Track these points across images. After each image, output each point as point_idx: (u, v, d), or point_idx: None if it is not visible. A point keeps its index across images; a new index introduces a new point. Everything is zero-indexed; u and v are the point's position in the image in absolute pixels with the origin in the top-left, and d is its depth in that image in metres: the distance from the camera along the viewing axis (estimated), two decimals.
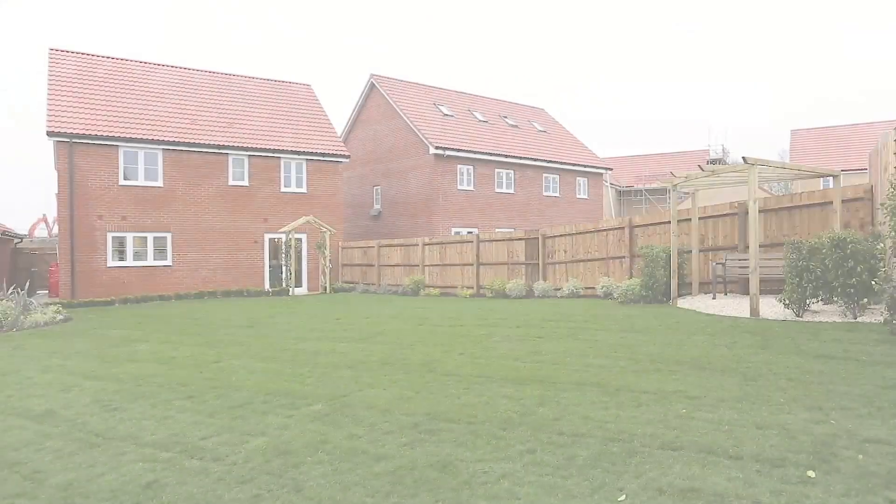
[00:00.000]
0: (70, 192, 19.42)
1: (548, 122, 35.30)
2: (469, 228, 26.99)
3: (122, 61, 24.42)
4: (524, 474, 3.81)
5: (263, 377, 7.04)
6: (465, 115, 30.58)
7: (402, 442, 4.54)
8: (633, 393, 5.51)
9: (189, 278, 21.43)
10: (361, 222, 30.74)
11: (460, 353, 7.94)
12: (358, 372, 7.10)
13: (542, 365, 6.96)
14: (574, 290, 15.25)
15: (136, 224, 20.58)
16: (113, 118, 20.85)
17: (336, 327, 11.31)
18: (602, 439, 4.33)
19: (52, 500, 3.77)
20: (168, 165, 21.16)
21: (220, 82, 25.77)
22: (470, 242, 19.19)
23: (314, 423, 5.13)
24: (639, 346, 7.71)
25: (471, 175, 27.40)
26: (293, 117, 25.56)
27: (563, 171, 30.97)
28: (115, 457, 4.50)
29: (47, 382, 7.21)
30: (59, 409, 5.93)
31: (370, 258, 23.38)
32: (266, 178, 23.08)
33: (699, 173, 11.13)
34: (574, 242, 16.18)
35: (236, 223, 22.42)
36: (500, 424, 4.83)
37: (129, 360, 8.62)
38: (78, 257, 19.56)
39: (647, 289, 12.45)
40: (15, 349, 10.01)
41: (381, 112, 29.38)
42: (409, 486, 3.74)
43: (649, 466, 3.80)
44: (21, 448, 4.79)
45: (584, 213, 31.67)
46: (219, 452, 4.49)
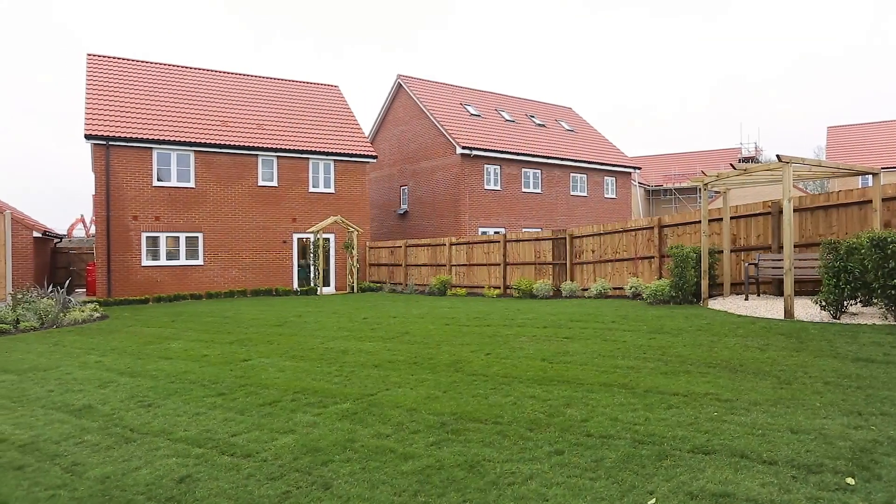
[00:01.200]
0: (106, 193, 19.96)
1: (575, 121, 35.00)
2: (496, 228, 26.93)
3: (156, 65, 25.01)
4: (552, 475, 3.79)
5: (292, 375, 7.13)
6: (492, 115, 30.51)
7: (430, 441, 4.55)
8: (663, 395, 5.43)
9: (220, 277, 21.82)
10: (388, 222, 30.91)
11: (487, 354, 7.93)
12: (385, 371, 7.14)
13: (569, 366, 6.91)
14: (602, 291, 15.09)
15: (168, 224, 21.04)
16: (147, 121, 21.36)
17: (363, 327, 11.39)
18: (631, 441, 4.28)
19: (90, 492, 3.88)
20: (200, 166, 21.59)
21: (249, 84, 26.20)
22: (497, 242, 19.13)
23: (342, 421, 5.18)
24: (668, 347, 7.59)
25: (497, 175, 27.33)
26: (321, 118, 25.83)
27: (590, 170, 30.68)
28: (150, 451, 4.61)
29: (85, 378, 7.42)
30: (96, 405, 6.09)
31: (397, 258, 23.49)
32: (294, 178, 23.37)
33: (731, 172, 10.91)
34: (602, 242, 16.01)
35: (265, 223, 22.75)
36: (528, 425, 4.81)
37: (163, 357, 8.81)
38: (114, 257, 20.09)
39: (676, 289, 12.26)
40: (55, 345, 10.32)
41: (408, 112, 29.49)
42: (436, 485, 3.75)
43: (680, 470, 3.74)
44: (61, 441, 4.93)
45: (612, 213, 31.33)
46: (249, 449, 4.56)
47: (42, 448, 4.79)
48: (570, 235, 16.85)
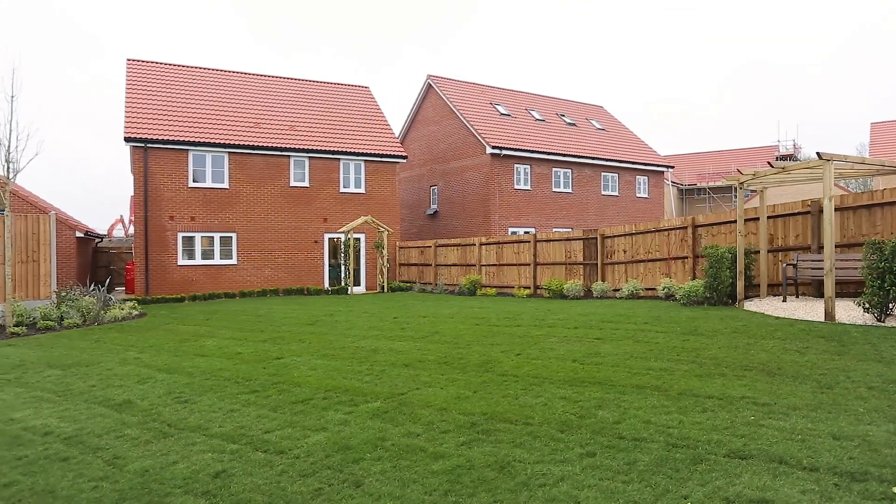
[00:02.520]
0: (144, 194, 20.50)
1: (606, 120, 34.60)
2: (526, 228, 26.79)
3: (192, 69, 25.59)
4: (584, 477, 3.75)
5: (324, 374, 7.22)
6: (522, 115, 30.36)
7: (460, 441, 4.55)
8: (697, 398, 5.33)
9: (253, 277, 22.21)
10: (418, 222, 31.03)
11: (518, 354, 7.89)
12: (415, 370, 7.17)
13: (601, 367, 6.83)
14: (633, 291, 14.88)
15: (203, 224, 21.50)
16: (183, 123, 21.88)
17: (394, 326, 11.45)
18: (665, 445, 4.21)
19: (131, 485, 3.99)
20: (233, 168, 22.01)
21: (281, 86, 26.60)
22: (527, 242, 19.03)
23: (373, 420, 5.22)
24: (703, 349, 7.44)
25: (528, 174, 27.18)
26: (352, 119, 26.07)
27: (622, 169, 30.28)
28: (187, 446, 4.72)
29: (125, 374, 7.64)
30: (136, 400, 6.26)
31: (427, 258, 23.55)
32: (326, 178, 23.64)
33: (768, 170, 10.64)
34: (634, 242, 15.79)
35: (297, 223, 23.07)
36: (559, 426, 4.78)
37: (198, 354, 9.01)
38: (151, 256, 20.63)
39: (711, 290, 12.01)
40: (96, 342, 10.64)
41: (437, 112, 29.55)
42: (467, 485, 3.75)
43: (716, 474, 3.66)
44: (103, 435, 5.09)
45: (644, 213, 30.87)
46: (282, 446, 4.63)
47: (85, 441, 4.94)
48: (602, 235, 16.66)
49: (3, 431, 5.28)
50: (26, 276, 13.98)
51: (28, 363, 8.64)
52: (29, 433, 5.21)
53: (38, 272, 14.20)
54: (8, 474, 4.26)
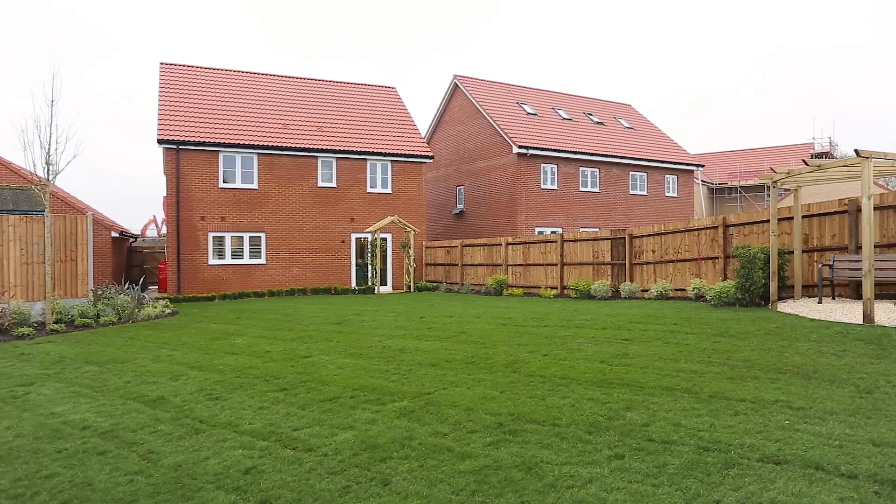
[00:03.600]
0: (177, 195, 20.94)
1: (634, 119, 34.17)
2: (552, 228, 26.62)
3: (222, 71, 26.05)
4: (612, 480, 3.72)
5: (351, 373, 7.28)
6: (549, 114, 30.17)
7: (487, 441, 4.55)
8: (729, 401, 5.23)
9: (281, 276, 22.51)
10: (444, 222, 31.07)
11: (545, 355, 7.85)
12: (442, 370, 7.18)
13: (629, 368, 6.75)
14: (662, 292, 14.67)
15: (233, 224, 21.87)
16: (214, 125, 22.28)
17: (420, 326, 11.49)
18: (695, 448, 4.14)
19: (164, 479, 4.08)
20: (262, 168, 22.34)
21: (309, 88, 26.90)
22: (554, 242, 18.91)
23: (400, 419, 5.24)
24: (734, 351, 7.30)
25: (554, 174, 27.00)
26: (378, 119, 26.23)
27: (650, 168, 29.87)
28: (218, 443, 4.80)
29: (158, 371, 7.81)
30: (169, 396, 6.40)
31: (453, 258, 23.57)
32: (353, 179, 23.83)
33: (803, 168, 10.38)
34: (663, 242, 15.56)
35: (325, 223, 23.30)
36: (587, 428, 4.74)
37: (229, 352, 9.17)
38: (183, 256, 21.06)
39: (742, 291, 11.77)
40: (131, 339, 10.91)
41: (464, 112, 29.55)
42: (494, 485, 3.74)
43: (749, 479, 3.59)
44: (138, 430, 5.21)
45: (673, 212, 30.40)
46: (310, 443, 4.68)
47: (121, 435, 5.07)
48: (630, 235, 16.46)
49: (45, 425, 5.45)
50: (65, 275, 14.40)
51: (67, 359, 8.90)
52: (68, 427, 5.37)
53: (76, 271, 14.61)
54: (49, 466, 4.40)
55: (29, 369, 8.19)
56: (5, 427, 5.42)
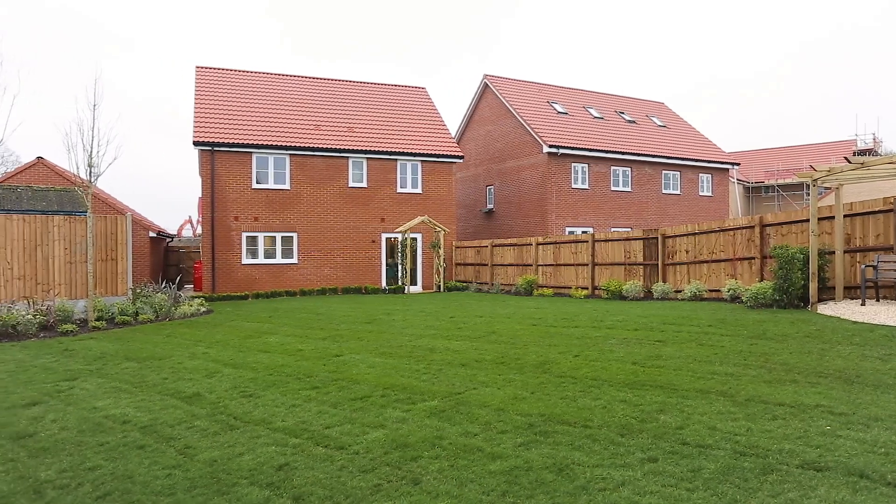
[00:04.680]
0: (211, 195, 21.39)
1: (667, 117, 33.60)
2: (583, 228, 26.36)
3: (255, 74, 26.51)
4: (645, 483, 3.66)
5: (382, 372, 7.33)
6: (580, 112, 29.89)
7: (517, 442, 4.53)
8: (767, 405, 5.10)
9: (312, 275, 22.80)
10: (474, 222, 31.04)
11: (576, 355, 7.78)
12: (472, 370, 7.18)
13: (662, 370, 6.64)
14: (696, 293, 14.39)
15: (266, 225, 22.24)
16: (248, 127, 22.69)
17: (450, 325, 11.50)
18: (731, 452, 4.06)
19: (200, 473, 4.17)
20: (294, 169, 22.66)
21: (340, 89, 27.18)
22: (585, 242, 18.72)
23: (430, 418, 5.26)
24: (772, 354, 7.12)
25: (585, 173, 26.74)
26: (409, 120, 26.35)
27: (683, 167, 29.33)
28: (252, 439, 4.89)
29: (194, 368, 7.99)
30: (204, 393, 6.54)
31: (483, 257, 23.54)
32: (383, 179, 23.99)
33: (845, 166, 10.08)
34: (697, 242, 15.26)
35: (355, 223, 23.51)
36: (619, 430, 4.68)
37: (262, 350, 9.32)
38: (217, 255, 21.50)
39: (780, 292, 11.47)
40: (168, 337, 11.19)
41: (494, 112, 29.48)
42: (524, 486, 3.72)
43: (788, 486, 3.50)
44: (175, 425, 5.34)
45: (707, 212, 29.79)
46: (342, 441, 4.73)
47: (159, 430, 5.20)
48: (663, 235, 16.20)
49: (88, 419, 5.63)
50: (105, 274, 14.84)
51: (108, 355, 9.17)
52: (109, 421, 5.54)
53: (116, 270, 15.05)
54: (92, 459, 4.54)
55: (72, 365, 8.47)
56: (51, 420, 5.62)
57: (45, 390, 6.88)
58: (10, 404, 6.26)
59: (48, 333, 11.79)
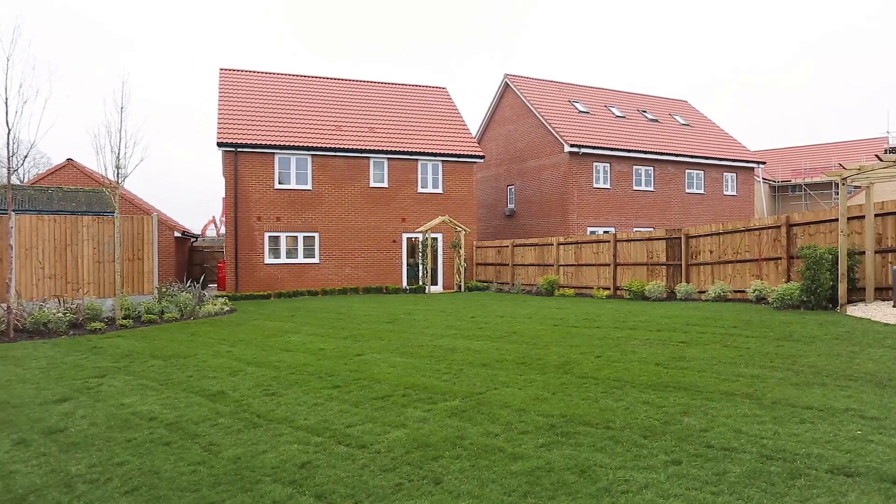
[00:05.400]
0: (235, 196, 21.67)
1: (691, 115, 33.15)
2: (605, 228, 26.14)
3: (277, 75, 26.78)
4: (669, 486, 3.62)
5: (403, 371, 7.35)
6: (602, 112, 29.65)
7: (539, 443, 4.51)
8: (794, 408, 5.01)
9: (334, 275, 22.96)
10: (495, 221, 30.98)
11: (597, 356, 7.72)
12: (493, 370, 7.16)
13: (686, 372, 6.56)
14: (720, 294, 14.17)
15: (288, 225, 22.46)
16: (270, 128, 22.94)
17: (471, 325, 11.50)
18: (757, 456, 3.99)
19: (225, 470, 4.23)
20: (316, 169, 22.84)
21: (361, 90, 27.33)
22: (606, 242, 18.57)
23: (451, 418, 5.26)
24: (799, 356, 6.98)
25: (607, 173, 26.51)
26: (429, 120, 26.39)
27: (707, 166, 28.92)
28: (274, 437, 4.94)
29: (218, 366, 8.11)
30: (228, 391, 6.63)
31: (504, 257, 23.48)
32: (404, 179, 24.06)
33: (876, 164, 9.84)
34: (721, 242, 15.03)
35: (376, 223, 23.62)
36: (641, 431, 4.63)
37: (284, 349, 9.42)
38: (240, 255, 21.77)
39: (808, 293, 11.24)
40: (192, 335, 11.36)
41: (514, 111, 29.39)
42: (546, 487, 3.70)
43: (817, 491, 3.43)
44: (200, 423, 5.43)
45: (732, 211, 29.33)
46: (363, 440, 4.76)
47: (184, 427, 5.29)
48: (686, 235, 15.99)
49: (116, 415, 5.75)
50: (132, 273, 15.13)
51: (135, 353, 9.35)
52: (137, 417, 5.64)
53: (143, 269, 15.33)
54: (120, 454, 4.63)
55: (101, 362, 8.65)
56: (81, 416, 5.74)
57: (75, 387, 7.04)
58: (43, 400, 6.42)
59: (78, 331, 12.06)
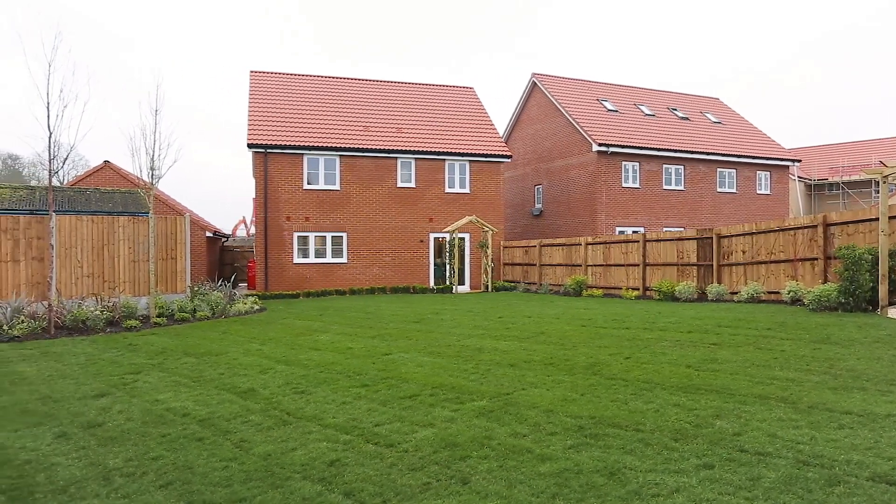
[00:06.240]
0: (265, 196, 21.99)
1: (723, 113, 32.51)
2: (634, 227, 25.81)
3: (306, 77, 27.10)
4: (701, 490, 3.55)
5: (430, 371, 7.37)
6: (631, 110, 29.27)
7: (567, 444, 4.47)
8: (832, 413, 4.87)
9: (362, 275, 23.13)
10: (522, 221, 30.84)
11: (627, 357, 7.62)
12: (521, 371, 7.13)
13: (718, 374, 6.43)
14: (753, 295, 13.86)
15: (316, 225, 22.70)
16: (299, 129, 23.22)
17: (498, 325, 11.46)
18: (793, 461, 3.89)
19: (255, 467, 4.30)
20: (344, 170, 23.05)
21: (388, 90, 27.47)
22: (635, 242, 18.33)
23: (479, 418, 5.25)
24: (837, 359, 6.79)
25: (636, 172, 26.17)
26: (457, 120, 26.40)
27: (740, 164, 28.32)
28: (304, 435, 5.00)
29: (249, 364, 8.24)
30: (258, 388, 6.73)
31: (531, 257, 23.36)
32: (431, 179, 24.12)
33: None
34: (754, 242, 14.70)
35: (404, 223, 23.72)
36: (672, 434, 4.56)
37: (313, 348, 9.52)
38: (270, 254, 22.09)
39: (846, 295, 10.92)
40: (224, 333, 11.57)
41: (542, 111, 29.21)
42: (575, 489, 3.67)
43: (857, 499, 3.33)
44: (231, 419, 5.52)
45: (765, 211, 28.67)
46: (391, 439, 4.78)
47: (216, 424, 5.39)
48: (718, 235, 15.68)
49: (151, 410, 5.89)
50: (166, 272, 15.47)
51: (168, 351, 9.56)
52: (171, 413, 5.77)
53: (176, 268, 15.67)
54: (155, 449, 4.74)
55: (136, 359, 8.87)
56: (118, 411, 5.90)
57: (112, 382, 7.23)
58: (82, 395, 6.61)
59: (114, 328, 12.38)
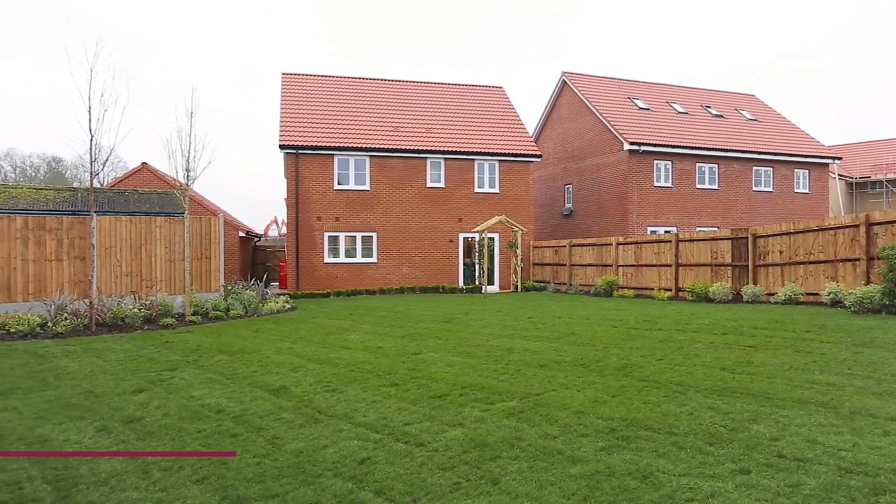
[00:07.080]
0: (296, 197, 22.30)
1: (759, 110, 31.73)
2: (666, 227, 25.39)
3: (336, 78, 27.37)
4: (737, 496, 3.48)
5: (460, 371, 7.37)
6: (663, 108, 28.80)
7: (599, 446, 4.42)
8: (876, 419, 4.71)
9: (391, 275, 23.27)
10: (552, 221, 30.62)
11: (659, 359, 7.50)
12: (551, 371, 7.08)
13: (754, 377, 6.28)
14: (791, 296, 13.50)
15: (347, 225, 22.93)
16: (329, 130, 23.48)
17: (528, 326, 11.41)
18: (835, 468, 3.78)
19: (288, 463, 4.36)
20: (374, 170, 23.22)
21: (418, 91, 27.57)
22: (668, 242, 18.02)
23: (509, 419, 5.23)
24: (881, 363, 6.57)
25: (668, 171, 25.74)
26: (486, 119, 26.36)
27: (776, 162, 27.61)
28: (335, 433, 5.05)
29: (281, 362, 8.36)
30: (290, 386, 6.83)
31: (561, 257, 23.18)
32: (461, 179, 24.13)
33: None
34: (792, 242, 14.32)
35: (433, 223, 23.78)
36: (707, 438, 4.47)
37: (343, 347, 9.62)
38: (301, 254, 22.39)
39: (891, 297, 10.55)
40: (256, 332, 11.77)
41: (572, 110, 28.96)
42: (606, 492, 3.63)
43: None
44: (263, 416, 5.61)
45: (803, 210, 27.89)
46: (421, 438, 4.79)
47: (249, 421, 5.48)
48: (753, 235, 15.32)
49: (186, 406, 6.02)
50: (200, 272, 15.81)
51: (203, 348, 9.77)
52: (206, 410, 5.89)
53: (210, 268, 16.00)
54: (191, 444, 4.85)
55: (172, 356, 9.09)
56: (155, 406, 6.05)
57: (149, 378, 7.42)
58: (122, 390, 6.80)
59: (151, 326, 12.70)
